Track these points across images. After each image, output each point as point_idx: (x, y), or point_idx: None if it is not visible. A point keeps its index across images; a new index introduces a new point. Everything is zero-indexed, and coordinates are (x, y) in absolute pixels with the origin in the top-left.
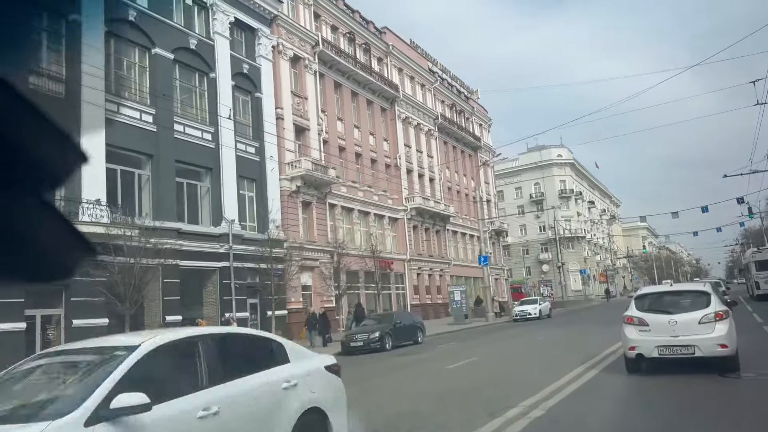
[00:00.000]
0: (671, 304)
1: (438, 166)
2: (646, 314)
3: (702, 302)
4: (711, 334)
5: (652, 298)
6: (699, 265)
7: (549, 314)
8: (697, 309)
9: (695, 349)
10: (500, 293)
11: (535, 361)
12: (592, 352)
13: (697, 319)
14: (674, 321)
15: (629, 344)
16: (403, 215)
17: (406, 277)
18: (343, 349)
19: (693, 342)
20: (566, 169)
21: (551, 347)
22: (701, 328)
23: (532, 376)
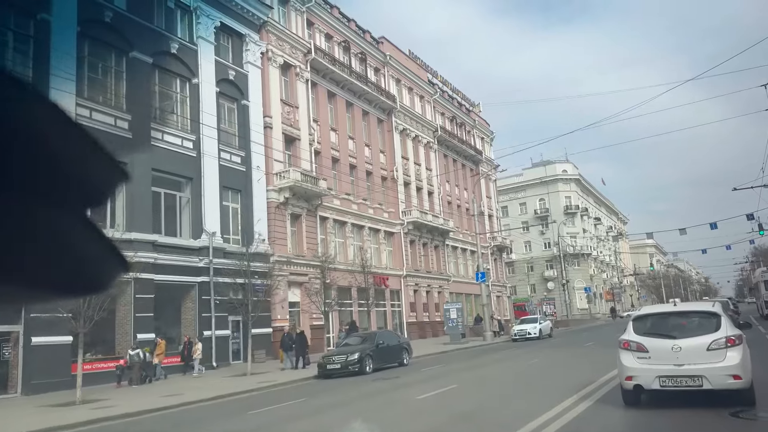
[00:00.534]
0: (675, 327)
1: (437, 179)
2: (645, 338)
3: (711, 325)
4: (721, 362)
5: (653, 319)
6: (708, 283)
7: (550, 334)
8: (706, 333)
9: (703, 381)
10: (502, 311)
11: (522, 390)
12: (588, 379)
13: (706, 345)
14: (678, 347)
15: (626, 373)
16: (400, 229)
17: (402, 293)
18: (319, 372)
19: (700, 372)
20: (571, 185)
21: (544, 372)
22: (710, 355)
23: (512, 410)
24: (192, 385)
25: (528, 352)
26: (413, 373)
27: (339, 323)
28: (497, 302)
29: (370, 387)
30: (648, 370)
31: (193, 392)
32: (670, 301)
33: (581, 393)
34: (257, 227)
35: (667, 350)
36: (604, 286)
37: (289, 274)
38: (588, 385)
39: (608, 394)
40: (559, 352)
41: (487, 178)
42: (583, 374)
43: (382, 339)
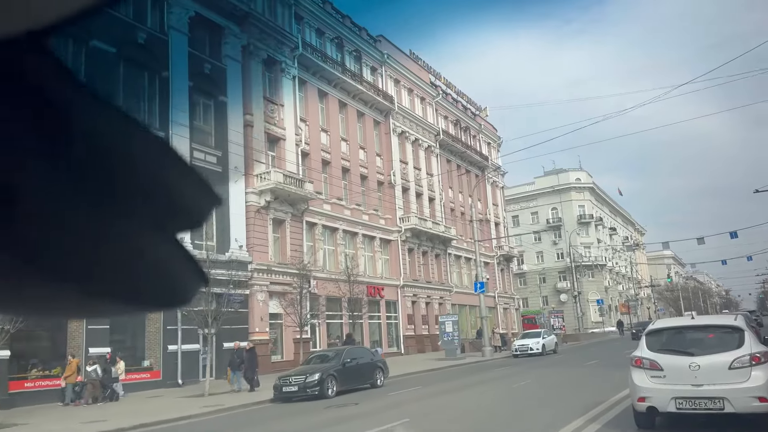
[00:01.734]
0: (693, 342)
1: (439, 185)
2: (660, 355)
3: (733, 341)
4: (746, 383)
5: (669, 334)
6: (729, 296)
7: (555, 349)
8: (728, 350)
9: (725, 403)
10: (509, 324)
11: (494, 426)
12: (582, 408)
13: (728, 363)
14: (696, 365)
15: (639, 394)
16: (397, 237)
17: (399, 304)
18: (275, 395)
19: (722, 394)
20: (585, 194)
21: (528, 399)
22: (732, 374)
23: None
24: (130, 409)
25: (522, 371)
26: (378, 399)
27: (328, 337)
28: (504, 314)
29: (316, 418)
30: (663, 391)
31: (119, 419)
32: (686, 314)
33: (569, 428)
34: (234, 232)
35: (685, 368)
36: (619, 299)
37: (269, 283)
38: (577, 418)
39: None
40: (556, 372)
41: (493, 185)
42: (576, 402)
43: (351, 357)
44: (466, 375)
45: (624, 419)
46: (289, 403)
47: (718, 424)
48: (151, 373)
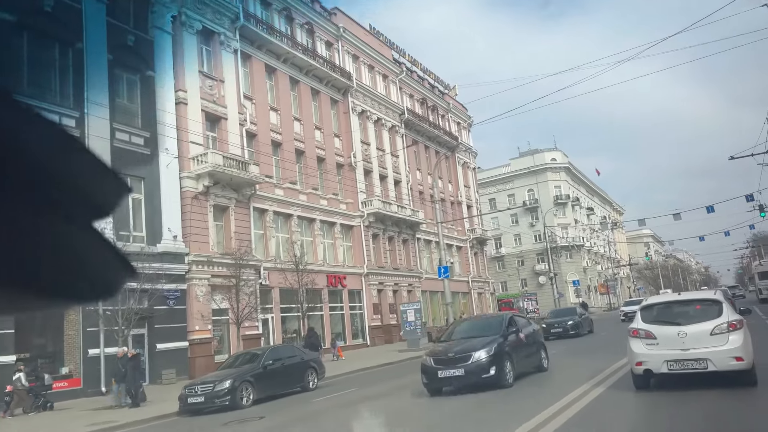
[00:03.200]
0: (680, 314)
1: (405, 166)
2: (653, 326)
3: (713, 312)
4: (724, 346)
5: (659, 308)
6: (708, 272)
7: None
8: (709, 319)
9: (708, 363)
10: (485, 309)
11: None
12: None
13: (709, 330)
14: (684, 333)
15: (636, 359)
16: (360, 222)
17: (363, 293)
18: (180, 407)
19: (705, 355)
20: (561, 174)
21: (471, 408)
22: (713, 339)
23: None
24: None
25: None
26: (298, 407)
27: (284, 333)
28: (479, 299)
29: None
30: (656, 356)
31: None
32: (663, 292)
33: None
34: (167, 221)
35: (674, 336)
36: (598, 279)
37: (210, 276)
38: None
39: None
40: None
41: (464, 166)
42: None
43: (276, 357)
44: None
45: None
46: (198, 416)
47: (702, 381)
48: (70, 381)
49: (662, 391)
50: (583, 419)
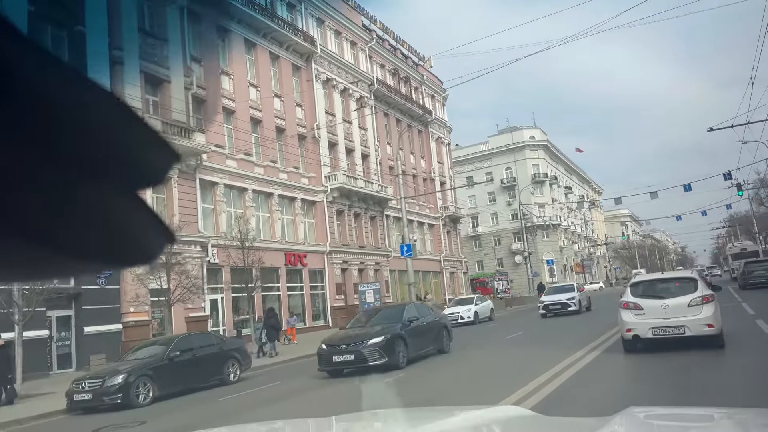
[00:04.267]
0: (663, 289)
1: (374, 140)
2: (640, 299)
3: (690, 287)
4: (699, 315)
5: (646, 285)
6: (684, 252)
7: (490, 317)
8: (686, 293)
9: (685, 329)
10: (457, 289)
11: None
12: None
13: (687, 302)
14: (666, 305)
15: (626, 327)
16: (323, 197)
17: (326, 273)
18: (68, 405)
19: (683, 323)
20: (539, 152)
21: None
22: (690, 310)
23: None
24: None
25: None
26: (195, 408)
27: (235, 313)
28: (451, 279)
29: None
30: (643, 324)
31: None
32: (635, 272)
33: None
34: None
35: (658, 307)
36: (575, 258)
37: None
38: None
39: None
40: (472, 353)
41: (438, 141)
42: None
43: (184, 347)
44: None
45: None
46: (87, 415)
47: (680, 345)
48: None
49: (647, 354)
50: (580, 376)
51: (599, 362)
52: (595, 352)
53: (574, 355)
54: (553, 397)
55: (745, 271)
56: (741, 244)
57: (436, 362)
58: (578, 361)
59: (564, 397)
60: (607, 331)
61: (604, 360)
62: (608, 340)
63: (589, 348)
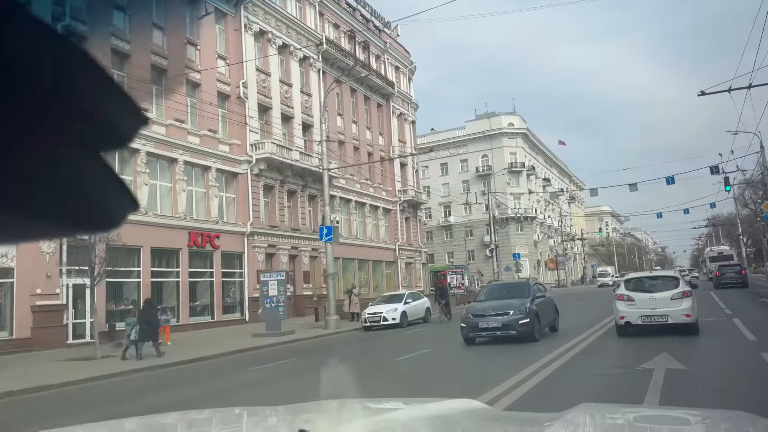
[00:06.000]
0: (651, 285)
1: (320, 109)
2: (632, 293)
3: (673, 284)
4: (679, 307)
5: (636, 281)
6: (664, 252)
7: (425, 317)
8: (670, 289)
9: (668, 318)
10: (413, 282)
11: None
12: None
13: (670, 296)
14: (653, 297)
15: (619, 314)
16: (247, 169)
17: (245, 258)
18: None
19: (666, 313)
20: (518, 140)
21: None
22: (672, 302)
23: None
24: None
25: (312, 365)
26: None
27: (108, 302)
28: (406, 271)
29: None
30: (634, 312)
31: None
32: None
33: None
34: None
35: (647, 299)
36: (550, 254)
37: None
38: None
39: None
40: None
41: (401, 118)
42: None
43: None
44: (225, 374)
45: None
46: None
47: (662, 331)
48: None
49: (636, 336)
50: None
51: (599, 341)
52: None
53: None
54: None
55: (718, 273)
56: (718, 248)
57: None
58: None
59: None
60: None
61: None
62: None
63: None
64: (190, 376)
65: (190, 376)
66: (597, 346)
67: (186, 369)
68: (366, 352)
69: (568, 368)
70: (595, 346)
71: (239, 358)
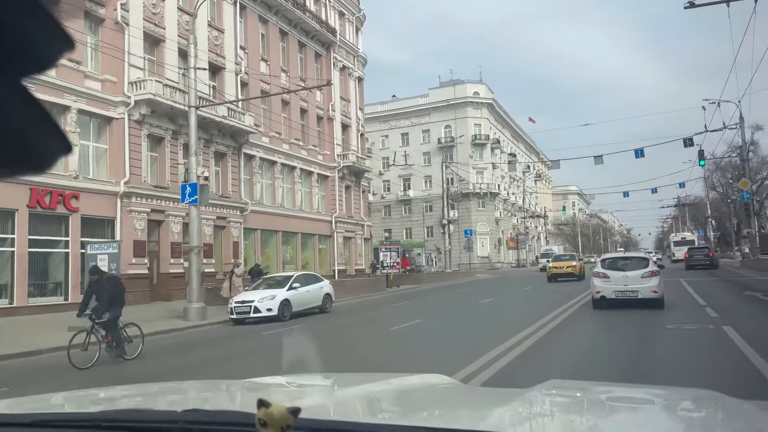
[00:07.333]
0: (624, 264)
1: (237, 50)
2: (608, 270)
3: (643, 264)
4: (648, 284)
5: (611, 260)
6: (630, 235)
7: (323, 307)
8: (640, 268)
9: (638, 293)
10: (353, 260)
11: None
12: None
13: (640, 275)
14: (626, 276)
15: (596, 289)
16: (124, 113)
17: (118, 224)
18: None
19: (636, 289)
20: (483, 111)
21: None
22: (642, 280)
23: None
24: None
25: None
26: None
27: None
28: (344, 247)
29: None
30: (609, 288)
31: None
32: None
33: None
34: None
35: (620, 277)
36: (512, 232)
37: None
38: None
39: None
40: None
41: (345, 73)
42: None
43: None
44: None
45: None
46: None
47: (633, 304)
48: None
49: (610, 309)
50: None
51: (578, 313)
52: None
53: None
54: None
55: (687, 256)
56: (681, 234)
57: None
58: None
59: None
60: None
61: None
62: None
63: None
64: None
65: None
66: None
67: None
68: (172, 370)
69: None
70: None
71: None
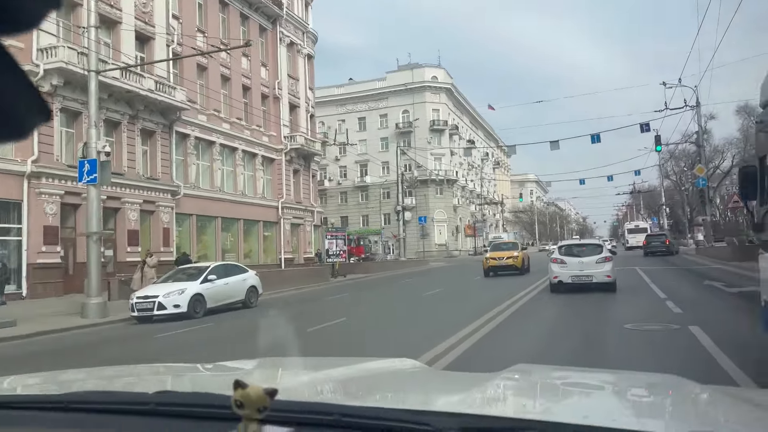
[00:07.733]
0: (579, 251)
1: (169, 20)
2: (564, 257)
3: (597, 250)
4: (602, 269)
5: (567, 246)
6: (585, 223)
7: (250, 302)
8: (595, 254)
9: (592, 278)
10: (302, 248)
11: None
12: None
13: (595, 260)
14: (581, 261)
15: (553, 275)
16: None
17: (25, 209)
18: None
19: (591, 273)
20: (441, 96)
21: None
22: (596, 265)
23: None
24: None
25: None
26: None
27: None
28: (292, 234)
29: None
30: (565, 273)
31: None
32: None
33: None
34: None
35: (576, 262)
36: (470, 219)
37: None
38: None
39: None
40: None
41: (294, 49)
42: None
43: None
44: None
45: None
46: None
47: (588, 288)
48: None
49: (566, 293)
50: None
51: (537, 296)
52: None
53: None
54: None
55: (645, 243)
56: (635, 222)
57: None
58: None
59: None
60: None
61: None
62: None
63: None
64: None
65: None
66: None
67: None
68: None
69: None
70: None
71: None
